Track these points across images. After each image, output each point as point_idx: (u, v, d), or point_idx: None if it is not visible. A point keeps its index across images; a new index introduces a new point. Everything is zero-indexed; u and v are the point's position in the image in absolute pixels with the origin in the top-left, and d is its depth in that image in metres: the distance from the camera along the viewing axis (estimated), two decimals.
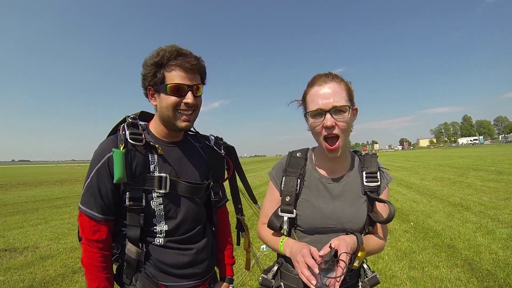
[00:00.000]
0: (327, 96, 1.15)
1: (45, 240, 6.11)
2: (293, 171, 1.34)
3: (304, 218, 1.27)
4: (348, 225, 1.23)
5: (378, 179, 1.28)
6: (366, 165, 1.31)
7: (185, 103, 1.25)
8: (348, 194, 1.28)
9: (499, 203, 7.46)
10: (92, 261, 1.23)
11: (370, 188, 1.27)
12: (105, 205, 1.23)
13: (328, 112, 1.14)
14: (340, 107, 1.14)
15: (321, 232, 1.26)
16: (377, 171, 1.29)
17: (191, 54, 1.26)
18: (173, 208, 1.31)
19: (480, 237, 5.06)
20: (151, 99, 1.31)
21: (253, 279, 3.90)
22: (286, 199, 1.29)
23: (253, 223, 6.64)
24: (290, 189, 1.30)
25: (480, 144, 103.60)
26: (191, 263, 1.37)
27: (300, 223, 1.29)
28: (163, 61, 1.22)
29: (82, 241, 1.25)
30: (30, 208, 10.34)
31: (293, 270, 1.28)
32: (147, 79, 1.26)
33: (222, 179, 1.58)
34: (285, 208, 1.29)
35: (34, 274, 4.31)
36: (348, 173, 1.32)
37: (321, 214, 1.25)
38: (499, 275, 3.63)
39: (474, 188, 9.94)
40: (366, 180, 1.28)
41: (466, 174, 14.04)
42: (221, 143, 1.58)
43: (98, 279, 1.24)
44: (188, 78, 1.24)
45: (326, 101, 1.15)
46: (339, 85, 1.18)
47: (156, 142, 1.33)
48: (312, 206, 1.27)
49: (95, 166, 1.23)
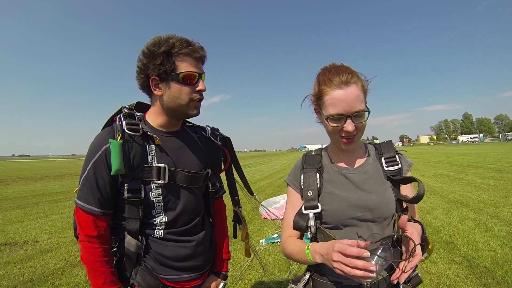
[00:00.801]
0: (349, 102, 1.12)
1: (45, 234, 6.12)
2: (310, 167, 1.31)
3: (331, 211, 1.21)
4: (377, 211, 1.18)
5: (398, 162, 1.25)
6: (383, 151, 1.29)
7: (198, 91, 1.28)
8: (371, 181, 1.23)
9: (498, 201, 7.47)
10: (93, 257, 1.20)
11: (392, 172, 1.23)
12: (104, 199, 1.21)
13: (349, 117, 1.13)
14: (360, 111, 1.14)
15: (349, 224, 1.20)
16: (395, 155, 1.27)
17: (197, 43, 1.28)
18: (172, 199, 1.30)
19: (479, 234, 5.07)
20: (155, 89, 1.27)
21: (251, 273, 3.92)
22: (309, 194, 1.24)
23: (252, 218, 6.67)
24: (311, 183, 1.25)
25: (480, 142, 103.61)
26: (191, 256, 1.36)
27: (327, 219, 1.22)
28: (173, 50, 1.21)
29: (80, 238, 1.22)
30: (30, 202, 10.35)
31: (328, 276, 1.22)
32: (152, 68, 1.23)
33: (219, 170, 1.58)
34: (309, 205, 1.22)
35: (34, 267, 4.33)
36: (366, 161, 1.28)
37: (348, 204, 1.19)
38: (497, 272, 3.65)
39: (474, 186, 9.94)
40: (386, 165, 1.25)
41: (466, 172, 14.04)
42: (218, 133, 1.58)
43: (103, 275, 1.21)
44: (197, 66, 1.27)
45: (347, 108, 1.12)
46: (358, 88, 1.14)
47: (153, 132, 1.31)
48: (337, 198, 1.21)
49: (92, 158, 1.20)
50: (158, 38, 1.23)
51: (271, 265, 4.19)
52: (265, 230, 5.92)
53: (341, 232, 1.22)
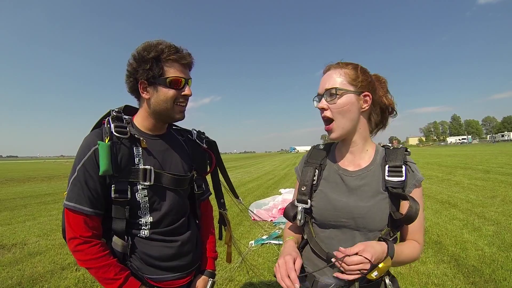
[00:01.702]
0: (323, 82, 1.20)
1: (34, 237, 6.03)
2: (313, 161, 1.33)
3: (317, 210, 1.24)
4: (361, 221, 1.14)
5: (402, 174, 1.13)
6: (390, 158, 1.17)
7: (183, 95, 1.33)
8: (366, 188, 1.17)
9: (485, 201, 7.60)
10: (95, 254, 1.20)
11: (393, 183, 1.12)
12: (95, 199, 1.22)
13: (322, 95, 1.19)
14: (330, 89, 1.16)
15: (334, 227, 1.21)
16: (401, 165, 1.14)
17: (185, 50, 1.33)
18: (158, 200, 1.33)
19: (466, 234, 5.16)
20: (143, 92, 1.31)
21: (241, 274, 3.92)
22: (302, 188, 1.28)
23: (241, 219, 6.68)
24: (306, 178, 1.28)
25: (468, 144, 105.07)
26: (176, 256, 1.39)
27: (315, 216, 1.26)
28: (162, 55, 1.26)
29: (74, 244, 1.19)
30: (18, 204, 10.16)
31: (305, 267, 1.27)
32: (140, 73, 1.27)
33: (205, 172, 1.61)
34: (300, 198, 1.27)
35: (22, 271, 4.26)
36: (368, 167, 1.21)
37: (333, 207, 1.20)
38: (484, 271, 3.71)
39: (462, 186, 10.11)
40: (388, 174, 1.14)
41: (454, 172, 14.24)
42: (203, 137, 1.62)
43: (111, 267, 1.21)
44: (184, 72, 1.33)
45: (321, 87, 1.21)
46: (336, 72, 1.19)
47: (140, 135, 1.34)
48: (325, 198, 1.23)
49: (82, 159, 1.22)
50: (148, 44, 1.28)
51: (261, 267, 4.20)
52: (254, 232, 5.92)
53: (326, 231, 1.25)
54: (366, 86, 1.19)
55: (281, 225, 6.11)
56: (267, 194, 10.18)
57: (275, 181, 14.90)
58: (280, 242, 5.05)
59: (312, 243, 1.26)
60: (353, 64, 1.21)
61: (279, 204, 7.67)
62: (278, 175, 18.27)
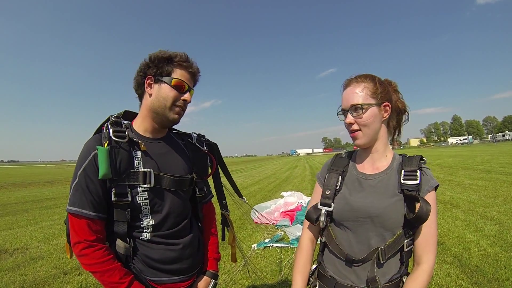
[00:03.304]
0: (347, 98, 1.28)
1: (35, 241, 6.03)
2: (336, 168, 1.42)
3: (337, 211, 1.32)
4: (377, 219, 1.21)
5: (417, 177, 1.21)
6: (406, 164, 1.27)
7: (183, 99, 1.38)
8: (382, 190, 1.26)
9: (487, 201, 7.59)
10: (100, 258, 1.21)
11: (408, 186, 1.21)
12: (97, 203, 1.23)
13: (347, 111, 1.27)
14: (356, 105, 1.25)
15: (351, 227, 1.29)
16: (416, 170, 1.23)
17: (195, 63, 1.43)
18: (158, 202, 1.35)
19: (469, 234, 5.14)
20: (148, 87, 1.37)
21: (244, 278, 3.91)
22: (326, 192, 1.36)
23: (244, 222, 6.66)
24: (331, 183, 1.37)
25: (469, 144, 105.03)
26: (178, 259, 1.40)
27: (335, 217, 1.33)
28: (174, 59, 1.35)
29: (79, 248, 1.20)
30: (19, 209, 10.19)
31: (328, 271, 1.37)
32: (152, 68, 1.35)
33: (206, 175, 1.62)
34: (324, 202, 1.34)
35: (24, 275, 4.26)
36: (386, 171, 1.30)
37: (350, 207, 1.28)
38: (488, 271, 3.71)
39: (463, 187, 10.09)
40: (404, 178, 1.23)
41: (456, 173, 14.23)
42: (204, 140, 1.64)
43: (116, 271, 1.22)
44: (190, 81, 1.40)
45: (346, 103, 1.28)
46: (358, 86, 1.27)
47: (139, 138, 1.36)
48: (344, 199, 1.31)
49: (82, 164, 1.24)
50: (165, 50, 1.37)
51: (263, 270, 4.19)
52: (256, 235, 5.91)
53: (342, 233, 1.33)
54: (385, 97, 1.28)
55: (283, 228, 6.10)
56: (268, 197, 10.26)
57: (276, 184, 14.89)
58: (282, 245, 5.04)
59: (332, 245, 1.34)
60: (369, 76, 1.30)
61: (281, 207, 7.65)
62: (279, 178, 18.27)
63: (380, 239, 1.23)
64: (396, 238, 1.21)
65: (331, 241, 1.35)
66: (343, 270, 1.30)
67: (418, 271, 1.21)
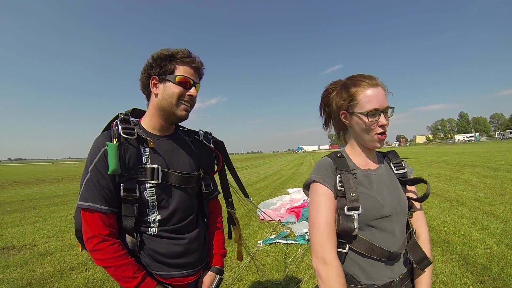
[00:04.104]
0: (382, 98, 1.28)
1: (43, 238, 6.12)
2: (344, 169, 1.33)
3: (367, 211, 1.24)
4: (400, 209, 1.31)
5: (404, 167, 1.43)
6: (390, 158, 1.48)
7: (189, 95, 1.39)
8: (390, 182, 1.37)
9: (494, 199, 7.53)
10: (114, 253, 1.24)
11: (400, 175, 1.41)
12: (109, 197, 1.27)
13: (382, 112, 1.28)
14: (390, 108, 1.30)
15: (379, 223, 1.25)
16: (401, 161, 1.45)
17: (198, 58, 1.44)
18: (166, 198, 1.38)
19: (475, 232, 5.12)
20: (153, 87, 1.39)
21: (250, 274, 3.93)
22: (352, 194, 1.24)
23: (250, 219, 6.69)
24: (351, 185, 1.27)
25: (476, 141, 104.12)
26: (184, 253, 1.43)
27: (361, 218, 1.23)
28: (177, 56, 1.37)
29: (93, 243, 1.22)
30: (27, 206, 10.32)
31: (360, 280, 1.25)
32: (155, 68, 1.37)
33: (212, 171, 1.65)
34: (352, 206, 1.22)
35: (32, 271, 4.33)
36: (381, 165, 1.42)
37: (379, 204, 1.27)
38: (493, 269, 3.69)
39: (470, 184, 10.02)
40: (396, 169, 1.42)
41: (462, 170, 14.12)
42: (210, 137, 1.67)
43: (129, 265, 1.25)
44: (194, 76, 1.42)
45: (382, 103, 1.27)
46: (383, 88, 1.32)
47: (147, 135, 1.40)
48: (370, 197, 1.27)
49: (93, 160, 1.27)
50: (166, 48, 1.39)
51: (269, 266, 4.21)
52: (262, 232, 5.94)
53: (373, 232, 1.25)
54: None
55: (289, 224, 6.11)
56: (275, 194, 10.19)
57: (282, 181, 14.91)
58: (288, 242, 5.06)
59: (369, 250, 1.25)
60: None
61: (287, 204, 7.67)
62: (285, 175, 18.29)
63: (400, 226, 1.32)
64: (408, 221, 1.38)
65: (363, 245, 1.24)
66: (379, 270, 1.25)
67: (421, 243, 1.36)
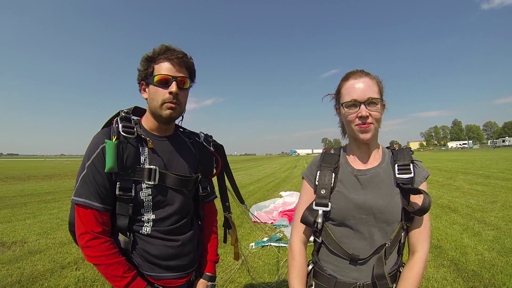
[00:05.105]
0: (362, 89, 1.24)
1: (34, 235, 6.05)
2: (327, 166, 1.37)
3: (337, 210, 1.28)
4: (380, 216, 1.23)
5: (411, 171, 1.26)
6: (398, 158, 1.31)
7: (169, 92, 1.31)
8: (380, 186, 1.27)
9: (486, 206, 7.61)
10: (106, 251, 1.22)
11: (403, 180, 1.25)
12: (104, 195, 1.25)
13: (363, 103, 1.23)
14: (374, 99, 1.23)
15: (352, 225, 1.27)
16: (409, 163, 1.28)
17: (179, 50, 1.35)
18: (162, 199, 1.36)
19: (466, 238, 5.16)
20: (143, 92, 1.38)
21: (241, 276, 3.93)
22: (322, 192, 1.31)
23: (242, 221, 6.68)
24: (325, 182, 1.32)
25: (469, 148, 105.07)
26: (176, 255, 1.41)
27: (333, 216, 1.29)
28: (154, 56, 1.32)
29: (85, 239, 1.22)
30: (18, 202, 10.19)
31: (326, 269, 1.34)
32: (140, 73, 1.36)
33: (211, 174, 1.63)
34: (320, 202, 1.29)
35: (22, 269, 4.28)
36: (379, 165, 1.32)
37: (353, 205, 1.26)
38: (484, 275, 3.72)
39: (462, 191, 10.11)
40: (398, 172, 1.27)
41: (455, 177, 14.25)
42: (211, 140, 1.65)
43: (120, 265, 1.24)
44: (174, 70, 1.32)
45: (361, 93, 1.24)
46: (372, 80, 1.27)
47: (147, 135, 1.38)
48: (344, 198, 1.28)
49: (91, 156, 1.26)
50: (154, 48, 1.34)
51: (261, 269, 4.21)
52: (255, 234, 5.93)
53: (343, 230, 1.30)
54: (383, 95, 1.31)
55: (282, 227, 6.11)
56: (267, 196, 10.21)
57: (275, 184, 14.91)
58: (280, 245, 5.05)
59: (332, 245, 1.31)
60: (374, 75, 1.31)
61: (279, 207, 7.68)
62: (278, 178, 18.29)
63: (382, 234, 1.25)
64: (397, 232, 1.25)
65: (331, 242, 1.31)
66: (345, 268, 1.28)
67: (414, 259, 1.26)
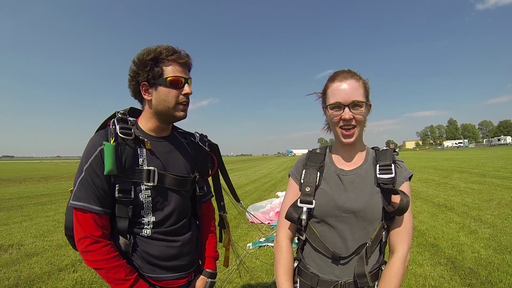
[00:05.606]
0: (347, 92, 1.25)
1: (30, 238, 6.01)
2: (313, 164, 1.40)
3: (319, 207, 1.30)
4: (360, 214, 1.25)
5: (392, 171, 1.28)
6: (380, 158, 1.33)
7: (184, 94, 1.35)
8: (361, 185, 1.30)
9: (481, 204, 7.66)
10: (107, 255, 1.22)
11: (384, 180, 1.27)
12: (102, 198, 1.24)
13: (347, 106, 1.24)
14: (358, 102, 1.24)
15: (333, 223, 1.29)
16: (391, 164, 1.29)
17: (183, 51, 1.37)
18: (161, 200, 1.36)
19: (463, 236, 5.19)
20: (145, 94, 1.36)
21: (239, 277, 3.92)
22: (306, 189, 1.33)
23: (239, 222, 6.68)
24: (310, 180, 1.35)
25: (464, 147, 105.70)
26: (177, 256, 1.42)
27: (316, 213, 1.31)
28: (160, 57, 1.30)
29: (85, 244, 1.20)
30: (14, 205, 10.12)
31: (309, 267, 1.36)
32: (141, 75, 1.32)
33: (207, 174, 1.64)
34: (305, 199, 1.32)
35: (19, 272, 4.25)
36: (362, 166, 1.35)
37: (334, 203, 1.28)
38: (481, 273, 3.75)
39: (458, 190, 10.17)
40: (379, 172, 1.29)
41: (451, 176, 14.32)
42: (206, 140, 1.65)
43: (122, 268, 1.24)
44: (184, 72, 1.36)
45: (345, 96, 1.24)
46: (357, 82, 1.27)
47: (144, 136, 1.37)
48: (327, 196, 1.31)
49: (89, 159, 1.24)
50: (147, 48, 1.33)
51: (258, 269, 4.21)
52: (252, 234, 5.93)
53: (325, 229, 1.32)
54: (368, 96, 1.32)
55: None
56: (264, 197, 10.22)
57: (272, 184, 14.91)
58: None
59: (316, 242, 1.33)
60: (361, 76, 1.31)
61: (276, 207, 7.69)
62: (275, 178, 18.29)
63: (363, 233, 1.27)
64: (378, 231, 1.27)
65: (314, 239, 1.33)
66: (326, 266, 1.30)
67: (393, 260, 1.27)
